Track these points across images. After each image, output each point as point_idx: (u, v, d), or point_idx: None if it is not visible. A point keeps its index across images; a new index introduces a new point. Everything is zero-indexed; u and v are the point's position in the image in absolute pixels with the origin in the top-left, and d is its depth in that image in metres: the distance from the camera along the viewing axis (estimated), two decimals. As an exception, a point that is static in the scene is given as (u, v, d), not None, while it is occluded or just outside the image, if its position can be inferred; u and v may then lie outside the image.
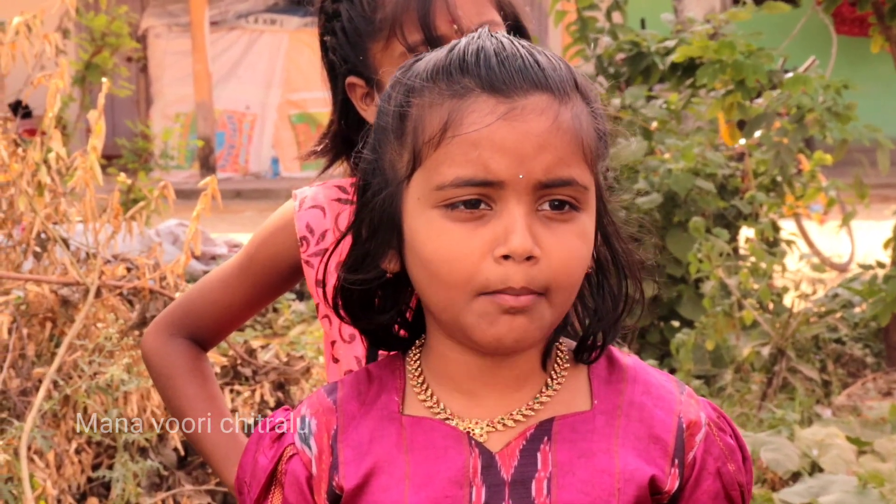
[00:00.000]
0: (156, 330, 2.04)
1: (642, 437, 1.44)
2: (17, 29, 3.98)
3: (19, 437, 3.40)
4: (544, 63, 1.41)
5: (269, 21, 17.02)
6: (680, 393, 1.48)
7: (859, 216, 6.99)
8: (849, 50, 12.49)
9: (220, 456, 1.97)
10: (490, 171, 1.37)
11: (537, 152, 1.37)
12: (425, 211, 1.39)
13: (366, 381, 1.49)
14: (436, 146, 1.38)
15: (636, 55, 6.55)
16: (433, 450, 1.43)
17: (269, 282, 1.99)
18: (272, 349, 4.70)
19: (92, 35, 10.85)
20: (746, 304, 5.55)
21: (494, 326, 1.38)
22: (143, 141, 12.21)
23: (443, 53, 1.42)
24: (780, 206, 6.30)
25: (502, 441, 1.43)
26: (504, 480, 1.42)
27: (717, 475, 1.47)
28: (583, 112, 1.41)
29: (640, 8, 10.12)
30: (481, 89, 1.38)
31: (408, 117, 1.41)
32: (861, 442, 4.77)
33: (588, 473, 1.42)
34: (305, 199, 1.96)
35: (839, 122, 5.80)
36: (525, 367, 1.45)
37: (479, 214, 1.38)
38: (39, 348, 3.89)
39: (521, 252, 1.36)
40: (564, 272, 1.39)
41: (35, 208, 3.78)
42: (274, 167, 16.91)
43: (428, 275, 1.40)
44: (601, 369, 1.48)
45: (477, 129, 1.37)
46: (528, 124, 1.37)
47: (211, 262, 7.93)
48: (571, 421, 1.44)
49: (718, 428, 1.48)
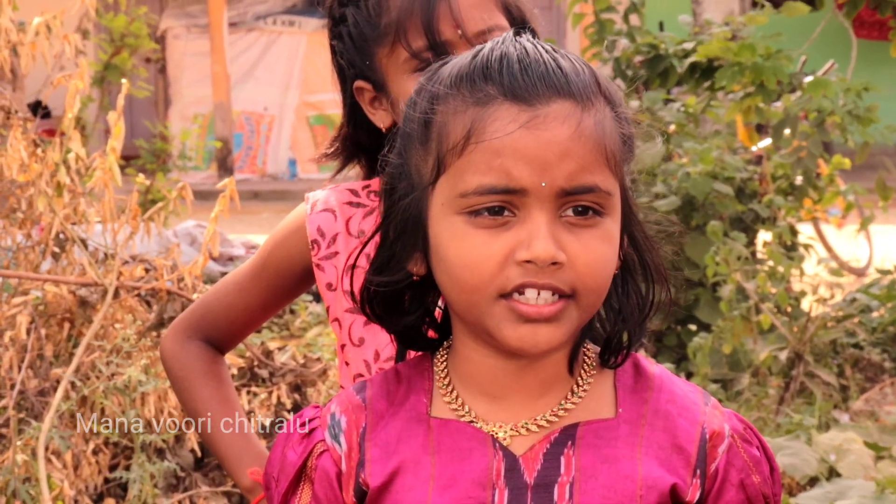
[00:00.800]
0: (173, 333, 2.06)
1: (665, 446, 1.44)
2: (38, 29, 3.99)
3: (37, 437, 3.41)
4: (567, 68, 1.41)
5: (288, 22, 17.04)
6: (705, 404, 1.48)
7: (878, 220, 6.97)
8: (868, 53, 12.45)
9: (233, 457, 1.99)
10: (512, 179, 1.37)
11: (559, 160, 1.37)
12: (449, 216, 1.40)
13: (395, 380, 1.50)
14: (459, 154, 1.39)
15: (654, 58, 6.54)
16: (458, 452, 1.44)
17: (282, 285, 2.00)
18: (289, 351, 4.71)
19: (111, 36, 10.89)
20: (764, 307, 5.53)
21: (517, 332, 1.39)
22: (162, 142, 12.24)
23: (467, 59, 1.43)
24: (798, 209, 6.28)
25: (526, 444, 1.44)
26: (527, 484, 1.43)
27: (740, 487, 1.47)
28: (606, 117, 1.42)
29: (658, 11, 10.10)
30: (504, 97, 1.39)
31: (432, 124, 1.42)
32: (879, 447, 4.75)
33: (610, 479, 1.42)
34: (317, 202, 1.97)
35: (860, 125, 5.78)
36: (551, 372, 1.45)
37: (503, 221, 1.38)
38: (57, 349, 3.90)
39: (544, 258, 1.37)
40: (591, 276, 1.39)
41: (54, 208, 3.79)
42: (291, 168, 16.93)
43: (451, 279, 1.41)
44: (627, 377, 1.48)
45: (499, 138, 1.37)
46: (551, 132, 1.38)
47: (228, 264, 7.94)
48: (595, 427, 1.44)
49: (744, 439, 1.48)
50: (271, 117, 16.97)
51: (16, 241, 4.05)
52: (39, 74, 4.89)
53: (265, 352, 4.30)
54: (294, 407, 4.15)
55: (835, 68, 7.01)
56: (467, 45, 1.79)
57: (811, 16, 6.72)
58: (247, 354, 4.21)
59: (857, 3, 6.47)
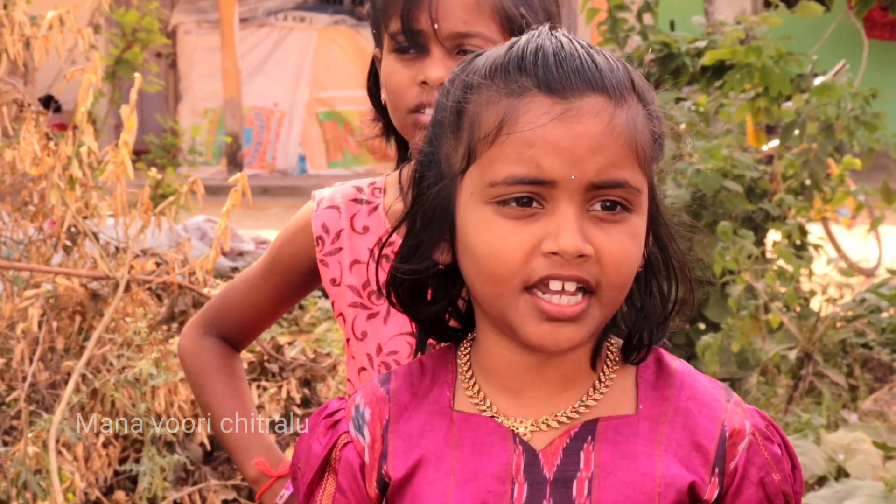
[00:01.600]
0: (190, 329, 2.09)
1: (684, 443, 1.45)
2: (51, 23, 4.00)
3: (48, 429, 3.42)
4: (602, 64, 1.42)
5: (299, 18, 17.05)
6: (727, 401, 1.48)
7: (887, 221, 6.96)
8: (880, 54, 12.43)
9: (241, 449, 2.02)
10: (542, 171, 1.38)
11: (590, 154, 1.38)
12: (478, 206, 1.41)
13: (419, 373, 1.51)
14: (490, 143, 1.40)
15: (666, 56, 6.53)
16: (479, 446, 1.44)
17: (291, 281, 2.02)
18: (298, 346, 4.72)
19: (123, 30, 10.90)
20: (773, 307, 5.53)
21: (538, 329, 1.40)
22: (172, 137, 12.25)
23: (502, 51, 1.44)
24: (808, 209, 6.28)
25: (546, 439, 1.45)
26: (546, 479, 1.43)
27: (759, 485, 1.47)
28: (638, 114, 1.42)
29: (671, 9, 10.09)
30: (538, 89, 1.39)
31: (464, 113, 1.43)
32: (888, 447, 4.75)
33: (629, 476, 1.42)
34: (323, 199, 1.99)
35: (867, 131, 5.77)
36: (573, 367, 1.46)
37: (531, 212, 1.39)
38: (68, 341, 3.91)
39: (571, 251, 1.37)
40: (615, 271, 1.40)
41: (66, 202, 3.80)
42: (301, 164, 16.94)
43: (477, 269, 1.42)
44: (649, 373, 1.49)
45: (532, 129, 1.38)
46: (583, 125, 1.38)
47: (238, 259, 7.96)
48: (616, 423, 1.45)
49: (765, 437, 1.48)
50: (281, 113, 16.98)
51: (28, 234, 4.06)
52: (49, 69, 4.90)
53: (275, 346, 4.31)
54: (303, 402, 4.16)
55: (846, 69, 7.00)
56: (438, 42, 1.81)
57: (823, 16, 6.70)
58: (257, 349, 4.22)
59: (869, 2, 6.46)
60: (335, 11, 17.31)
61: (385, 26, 1.86)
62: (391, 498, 1.47)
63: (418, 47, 1.83)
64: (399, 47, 1.84)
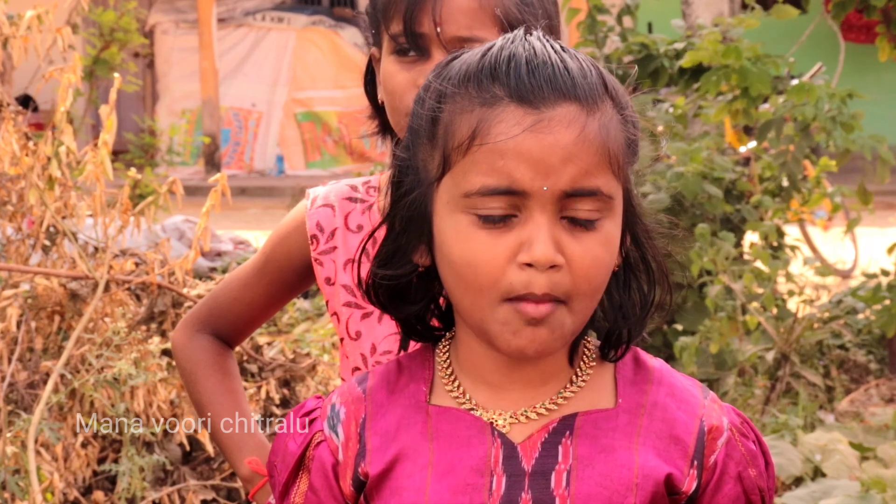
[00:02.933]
0: (183, 326, 2.09)
1: (663, 436, 1.47)
2: (30, 23, 3.99)
3: (27, 429, 3.41)
4: (575, 71, 1.42)
5: (277, 19, 17.03)
6: (704, 398, 1.50)
7: (864, 223, 7.00)
8: (856, 57, 12.49)
9: (234, 447, 2.02)
10: (515, 182, 1.39)
11: (562, 164, 1.39)
12: (454, 214, 1.42)
13: (395, 371, 1.52)
14: (464, 153, 1.41)
15: (644, 57, 6.56)
16: (456, 438, 1.46)
17: (285, 279, 2.03)
18: (277, 346, 4.71)
19: (100, 30, 10.87)
20: (751, 308, 5.55)
21: (517, 337, 1.41)
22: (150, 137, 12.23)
23: (476, 58, 1.45)
24: (785, 210, 6.31)
25: (525, 433, 1.46)
26: (525, 471, 1.45)
27: (737, 479, 1.49)
28: (612, 120, 1.43)
29: (649, 12, 10.12)
30: (510, 98, 1.40)
31: (439, 122, 1.44)
32: (864, 448, 4.78)
33: (607, 468, 1.44)
34: (317, 198, 1.99)
35: (843, 131, 5.80)
36: (551, 363, 1.48)
37: (506, 221, 1.40)
38: (47, 341, 3.90)
39: (543, 261, 1.39)
40: (586, 280, 1.41)
41: (45, 202, 3.79)
42: (279, 165, 16.92)
43: (455, 277, 1.44)
44: (627, 370, 1.50)
45: (503, 140, 1.39)
46: (555, 136, 1.39)
47: (216, 259, 7.94)
48: (594, 417, 1.47)
49: (741, 433, 1.50)
50: (259, 113, 16.96)
51: (6, 233, 4.05)
52: (26, 68, 4.88)
53: (254, 346, 4.31)
54: (283, 402, 4.16)
55: (822, 71, 7.04)
56: (440, 45, 1.81)
57: (800, 19, 6.74)
58: (236, 349, 4.22)
59: (846, 5, 6.49)
60: (313, 12, 17.29)
61: (386, 27, 1.86)
62: (369, 494, 1.48)
63: (419, 50, 1.83)
64: (399, 49, 1.84)
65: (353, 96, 16.05)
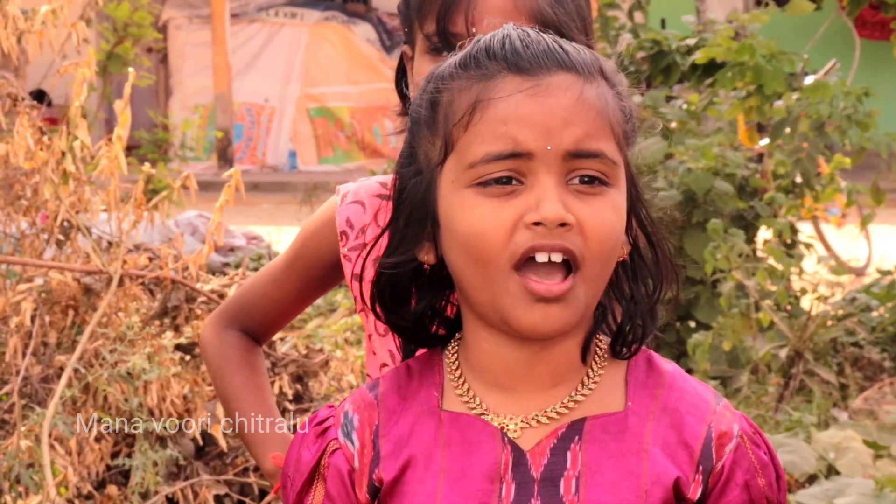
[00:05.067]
0: (212, 322, 2.10)
1: (671, 442, 1.45)
2: (44, 18, 4.00)
3: (41, 423, 3.42)
4: (568, 48, 1.46)
5: (290, 14, 17.04)
6: (716, 404, 1.49)
7: (877, 220, 6.98)
8: (871, 54, 12.45)
9: (259, 442, 2.02)
10: (518, 144, 1.40)
11: (564, 125, 1.41)
12: (459, 191, 1.43)
13: (406, 375, 1.52)
14: (465, 127, 1.42)
15: (657, 54, 6.55)
16: (468, 445, 1.45)
17: (315, 276, 2.03)
18: (290, 341, 4.71)
19: (114, 25, 10.89)
20: (764, 305, 5.54)
21: (529, 314, 1.41)
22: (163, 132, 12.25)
23: (471, 45, 1.47)
24: (798, 207, 6.30)
25: (534, 438, 1.45)
26: (534, 478, 1.44)
27: (744, 487, 1.47)
28: (608, 94, 1.45)
29: (662, 8, 10.10)
30: (507, 70, 1.43)
31: (439, 104, 1.45)
32: (878, 445, 4.77)
33: (616, 475, 1.43)
34: (347, 194, 1.99)
35: (859, 130, 5.79)
36: (563, 361, 1.46)
37: (511, 189, 1.41)
38: (61, 336, 3.91)
39: (552, 218, 1.39)
40: (598, 241, 1.41)
41: (60, 196, 3.80)
42: (291, 160, 16.94)
43: (463, 252, 1.43)
44: (639, 372, 1.49)
45: (504, 104, 1.41)
46: (554, 99, 1.41)
47: (229, 254, 7.95)
48: (603, 422, 1.46)
49: (753, 443, 1.49)
50: (272, 109, 16.98)
51: (20, 228, 4.05)
52: (39, 63, 4.89)
53: (267, 342, 4.31)
54: (296, 397, 4.16)
55: (837, 67, 7.02)
56: None
57: (814, 15, 6.73)
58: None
59: (860, 2, 6.48)
60: (326, 7, 17.30)
61: (420, 26, 1.86)
62: (383, 500, 1.47)
63: (453, 49, 1.83)
64: (433, 48, 1.84)
65: (366, 92, 16.07)
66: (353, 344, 5.11)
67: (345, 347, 4.84)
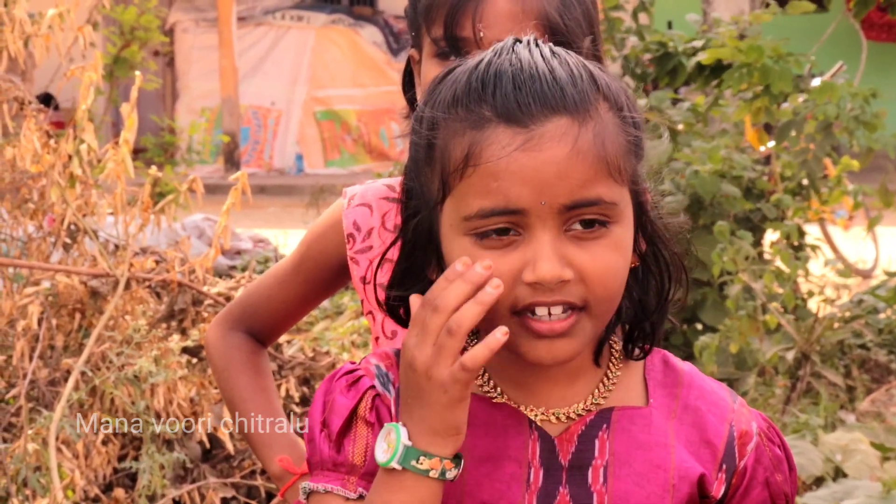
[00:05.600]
0: (217, 324, 2.10)
1: (694, 440, 1.46)
2: (51, 22, 4.00)
3: (48, 426, 3.43)
4: (563, 79, 1.40)
5: (296, 17, 17.05)
6: (732, 402, 1.50)
7: (885, 222, 6.97)
8: (877, 55, 12.44)
9: (265, 444, 2.02)
10: (511, 201, 1.37)
11: (558, 179, 1.37)
12: (458, 237, 1.41)
13: None
14: (460, 177, 1.40)
15: (663, 56, 6.54)
16: (493, 427, 1.45)
17: (320, 278, 2.03)
18: (297, 344, 4.72)
19: (121, 28, 10.90)
20: (771, 307, 5.54)
21: (534, 350, 1.40)
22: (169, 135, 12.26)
23: (464, 78, 1.43)
24: (805, 210, 6.29)
25: (561, 427, 1.45)
26: (562, 465, 1.44)
27: (765, 485, 1.49)
28: (608, 126, 1.40)
29: (667, 10, 10.10)
30: (498, 120, 1.38)
31: (434, 147, 1.43)
32: (885, 448, 4.76)
33: (644, 467, 1.44)
34: (354, 196, 1.99)
35: (866, 131, 5.79)
36: (577, 364, 1.47)
37: (509, 241, 1.39)
38: (68, 339, 3.91)
39: (549, 279, 1.37)
40: (601, 287, 1.40)
41: (67, 200, 3.81)
42: (298, 163, 16.94)
43: None
44: (657, 372, 1.50)
45: (495, 161, 1.37)
46: (546, 153, 1.37)
47: (236, 258, 7.96)
48: (630, 413, 1.46)
49: (768, 438, 1.50)
50: (279, 112, 16.98)
51: (27, 231, 4.06)
52: (46, 67, 4.90)
53: (274, 344, 4.31)
54: (302, 400, 4.16)
55: (843, 70, 7.02)
56: (482, 49, 1.80)
57: (821, 17, 6.73)
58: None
59: (867, 3, 6.47)
60: (333, 10, 17.31)
61: (427, 30, 1.85)
62: None
63: (460, 53, 1.82)
64: (441, 52, 1.84)
65: (373, 95, 16.08)
66: (359, 346, 5.10)
67: (351, 350, 4.84)
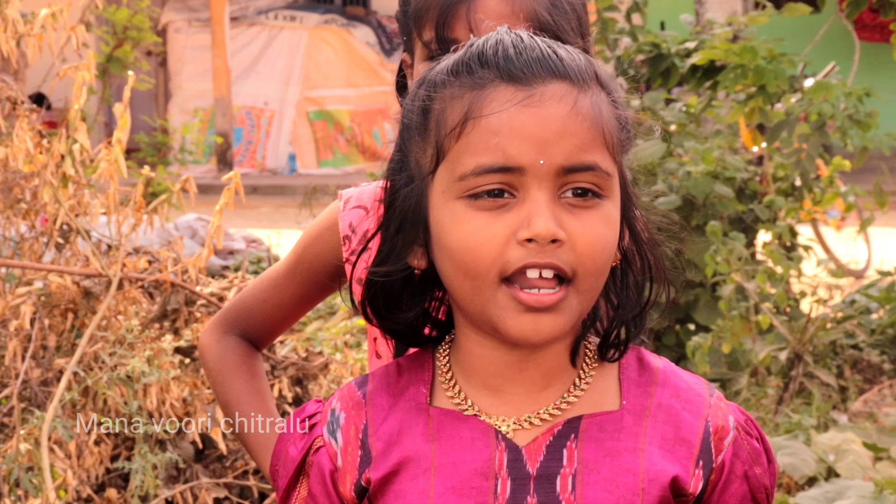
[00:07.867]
0: (211, 327, 2.09)
1: (669, 438, 1.45)
2: (44, 22, 4.00)
3: (40, 426, 3.42)
4: (563, 54, 1.42)
5: (289, 17, 17.04)
6: (709, 396, 1.49)
7: (877, 223, 6.99)
8: (870, 56, 12.46)
9: (260, 447, 2.02)
10: (510, 158, 1.38)
11: (557, 138, 1.38)
12: (450, 202, 1.41)
13: (395, 373, 1.51)
14: (457, 137, 1.40)
15: (656, 56, 6.55)
16: (459, 440, 1.44)
17: (316, 280, 2.02)
18: (290, 344, 4.71)
19: (114, 28, 10.90)
20: (763, 308, 5.54)
21: (519, 323, 1.39)
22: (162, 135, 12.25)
23: (463, 49, 1.45)
24: (798, 210, 6.30)
25: (529, 436, 1.45)
26: (529, 474, 1.43)
27: (744, 478, 1.48)
28: (603, 101, 1.43)
29: (660, 10, 10.11)
30: (500, 79, 1.40)
31: (430, 112, 1.43)
32: (877, 448, 4.77)
33: (613, 472, 1.43)
34: (350, 198, 1.99)
35: (860, 130, 5.80)
36: (552, 364, 1.46)
37: (503, 203, 1.39)
38: (60, 339, 3.91)
39: (544, 234, 1.37)
40: (590, 256, 1.39)
41: (59, 199, 3.80)
42: (291, 163, 16.94)
43: (453, 265, 1.41)
44: (631, 370, 1.49)
45: (496, 115, 1.38)
46: (548, 110, 1.38)
47: (229, 258, 7.96)
48: (599, 420, 1.45)
49: (746, 432, 1.49)
50: (272, 112, 16.98)
51: (20, 231, 4.05)
52: (38, 67, 4.89)
53: (267, 347, 4.31)
54: (295, 400, 4.16)
55: (836, 70, 7.03)
56: None
57: (814, 18, 6.73)
58: (249, 347, 4.21)
59: (860, 4, 6.48)
60: (326, 11, 17.30)
61: (418, 34, 1.85)
62: (373, 497, 1.46)
63: None
64: (432, 55, 1.83)
65: (366, 95, 16.08)
66: (352, 347, 5.10)
67: (344, 350, 4.83)
